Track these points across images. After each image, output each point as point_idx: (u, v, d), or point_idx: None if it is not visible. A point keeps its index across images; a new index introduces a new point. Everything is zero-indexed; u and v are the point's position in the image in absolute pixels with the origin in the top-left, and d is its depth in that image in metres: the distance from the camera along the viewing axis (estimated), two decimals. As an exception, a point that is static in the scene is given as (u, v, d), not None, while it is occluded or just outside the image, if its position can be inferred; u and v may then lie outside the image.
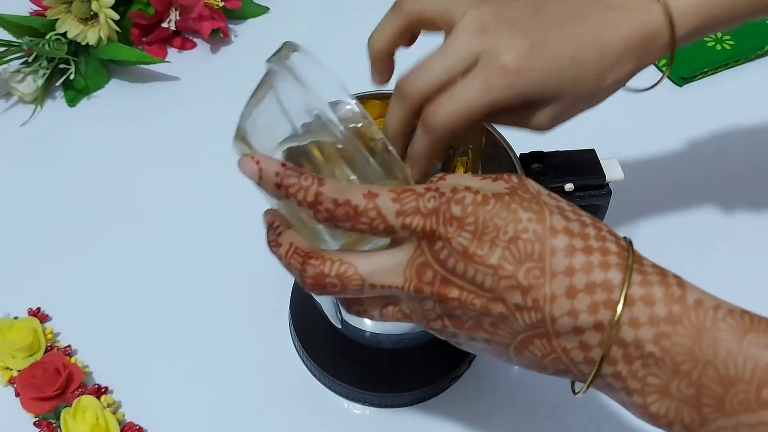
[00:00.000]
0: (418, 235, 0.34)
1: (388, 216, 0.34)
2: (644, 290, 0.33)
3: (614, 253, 0.33)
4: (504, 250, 0.33)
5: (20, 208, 0.66)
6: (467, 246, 0.33)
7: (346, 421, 0.55)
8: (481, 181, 0.36)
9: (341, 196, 0.34)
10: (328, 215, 0.34)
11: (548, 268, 0.33)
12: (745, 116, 0.74)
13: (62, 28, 0.72)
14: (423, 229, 0.34)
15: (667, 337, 0.32)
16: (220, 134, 0.73)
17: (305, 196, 0.34)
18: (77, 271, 0.62)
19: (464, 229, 0.33)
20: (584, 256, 0.33)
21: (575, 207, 0.36)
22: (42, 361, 0.55)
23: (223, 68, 0.78)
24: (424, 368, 0.56)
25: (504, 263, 0.33)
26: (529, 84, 0.38)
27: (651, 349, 0.32)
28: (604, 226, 0.35)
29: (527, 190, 0.35)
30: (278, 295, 0.60)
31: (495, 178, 0.36)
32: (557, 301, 0.33)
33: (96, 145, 0.71)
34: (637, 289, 0.33)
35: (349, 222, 0.34)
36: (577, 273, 0.33)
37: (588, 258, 0.33)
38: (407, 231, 0.34)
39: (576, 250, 0.33)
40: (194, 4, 0.74)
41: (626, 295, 0.32)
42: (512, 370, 0.58)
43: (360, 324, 0.51)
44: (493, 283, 0.33)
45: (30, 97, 0.73)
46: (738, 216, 0.67)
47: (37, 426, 0.53)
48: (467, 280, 0.34)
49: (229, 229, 0.65)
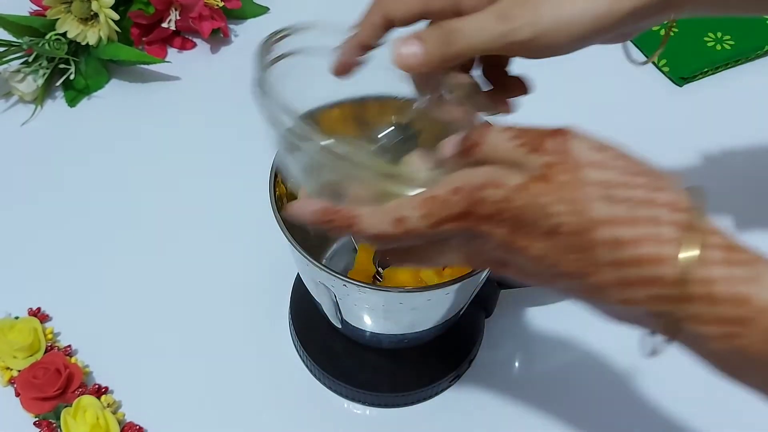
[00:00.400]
0: (458, 233, 0.34)
1: (425, 232, 0.34)
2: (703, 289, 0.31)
3: (668, 242, 0.31)
4: (544, 242, 0.32)
5: (20, 208, 0.66)
6: (507, 239, 0.33)
7: (346, 421, 0.55)
8: (514, 152, 0.33)
9: (376, 230, 0.35)
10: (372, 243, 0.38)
11: (593, 259, 0.32)
12: (745, 116, 0.74)
13: (62, 28, 0.72)
14: (461, 230, 0.34)
15: (737, 336, 0.31)
16: (220, 134, 0.73)
17: (345, 232, 0.37)
18: (77, 271, 0.62)
19: (500, 225, 0.33)
20: (633, 249, 0.31)
21: (628, 173, 0.32)
22: (42, 361, 0.55)
23: (223, 68, 0.78)
24: (424, 368, 0.56)
25: (548, 254, 0.32)
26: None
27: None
28: (663, 195, 0.32)
29: (566, 166, 0.32)
30: (278, 295, 0.60)
31: (533, 148, 0.33)
32: (608, 291, 0.32)
33: (96, 145, 0.71)
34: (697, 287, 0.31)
35: (394, 243, 0.36)
36: (624, 266, 0.31)
37: (636, 251, 0.31)
38: (448, 233, 0.35)
39: (622, 244, 0.31)
40: (194, 3, 0.74)
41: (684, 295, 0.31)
42: (512, 370, 0.58)
43: (360, 324, 0.51)
44: (542, 269, 0.33)
45: (30, 96, 0.73)
46: (738, 215, 0.67)
47: (37, 426, 0.53)
48: (516, 265, 0.35)
49: (229, 229, 0.65)
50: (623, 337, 0.60)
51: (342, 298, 0.47)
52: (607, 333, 0.61)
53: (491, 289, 0.57)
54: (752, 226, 0.66)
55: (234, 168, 0.70)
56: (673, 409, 0.56)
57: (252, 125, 0.73)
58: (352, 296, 0.46)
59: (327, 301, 0.49)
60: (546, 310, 0.61)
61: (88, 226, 0.65)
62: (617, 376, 0.58)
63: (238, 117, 0.74)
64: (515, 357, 0.59)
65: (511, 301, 0.60)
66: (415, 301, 0.46)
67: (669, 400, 0.57)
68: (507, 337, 0.59)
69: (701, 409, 0.56)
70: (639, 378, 0.58)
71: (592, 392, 0.57)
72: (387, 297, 0.46)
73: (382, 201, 0.36)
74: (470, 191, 0.33)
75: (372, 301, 0.47)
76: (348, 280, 0.44)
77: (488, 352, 0.59)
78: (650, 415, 0.56)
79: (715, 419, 0.56)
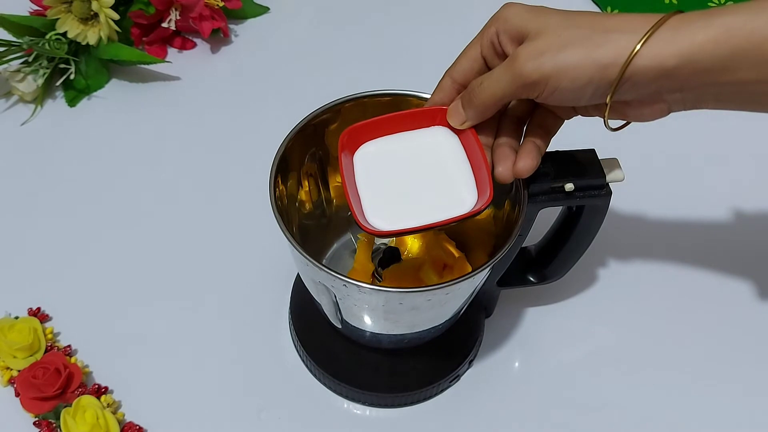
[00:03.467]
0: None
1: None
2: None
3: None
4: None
5: (20, 208, 0.66)
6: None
7: (346, 421, 0.55)
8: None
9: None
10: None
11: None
12: (745, 115, 0.74)
13: (62, 28, 0.72)
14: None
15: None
16: (220, 134, 0.73)
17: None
18: (77, 271, 0.62)
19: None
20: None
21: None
22: (42, 361, 0.55)
23: (223, 68, 0.78)
24: (424, 368, 0.56)
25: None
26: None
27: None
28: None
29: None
30: (278, 295, 0.60)
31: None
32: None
33: (96, 145, 0.71)
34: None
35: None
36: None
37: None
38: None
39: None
40: (194, 3, 0.74)
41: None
42: (512, 370, 0.58)
43: (360, 324, 0.51)
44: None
45: (30, 96, 0.73)
46: (738, 215, 0.67)
47: (37, 426, 0.53)
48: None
49: (228, 230, 0.65)
50: (623, 336, 0.61)
51: (342, 298, 0.47)
52: (607, 333, 0.61)
53: (491, 289, 0.57)
54: (752, 224, 0.66)
55: (234, 168, 0.70)
56: (674, 408, 0.56)
57: (252, 125, 0.74)
58: (352, 296, 0.46)
59: (327, 301, 0.49)
60: (546, 310, 0.61)
61: (88, 226, 0.65)
62: (617, 376, 0.58)
63: (238, 117, 0.74)
64: (515, 357, 0.59)
65: (511, 301, 0.60)
66: (415, 301, 0.46)
67: (669, 400, 0.57)
68: (507, 337, 0.59)
69: (701, 409, 0.56)
70: (639, 378, 0.58)
71: (591, 392, 0.57)
72: (387, 297, 0.46)
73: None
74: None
75: (372, 301, 0.47)
76: (348, 280, 0.44)
77: (488, 352, 0.59)
78: (650, 414, 0.56)
79: (715, 419, 0.56)
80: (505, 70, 0.42)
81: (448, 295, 0.47)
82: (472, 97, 0.44)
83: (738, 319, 0.61)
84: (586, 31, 0.40)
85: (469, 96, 0.44)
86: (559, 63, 0.40)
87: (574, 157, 0.49)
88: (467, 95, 0.45)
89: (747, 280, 0.63)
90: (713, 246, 0.65)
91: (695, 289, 0.62)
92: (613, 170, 0.49)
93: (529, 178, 0.46)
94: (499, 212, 0.52)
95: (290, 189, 0.52)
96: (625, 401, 0.56)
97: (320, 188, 0.56)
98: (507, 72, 0.42)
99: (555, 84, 0.40)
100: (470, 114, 0.45)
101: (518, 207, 0.48)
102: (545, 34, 0.41)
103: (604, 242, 0.55)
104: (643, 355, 0.59)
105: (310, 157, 0.53)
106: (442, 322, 0.51)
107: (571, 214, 0.53)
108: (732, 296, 0.62)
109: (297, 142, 0.50)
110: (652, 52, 0.38)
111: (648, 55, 0.38)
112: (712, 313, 0.61)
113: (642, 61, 0.39)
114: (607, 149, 0.50)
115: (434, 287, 0.45)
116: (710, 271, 0.64)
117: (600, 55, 0.39)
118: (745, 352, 0.59)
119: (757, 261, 0.64)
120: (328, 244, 0.59)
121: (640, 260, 0.64)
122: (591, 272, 0.63)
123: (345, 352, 0.56)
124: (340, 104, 0.51)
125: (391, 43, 0.79)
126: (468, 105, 0.45)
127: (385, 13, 0.82)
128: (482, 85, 0.43)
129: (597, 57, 0.39)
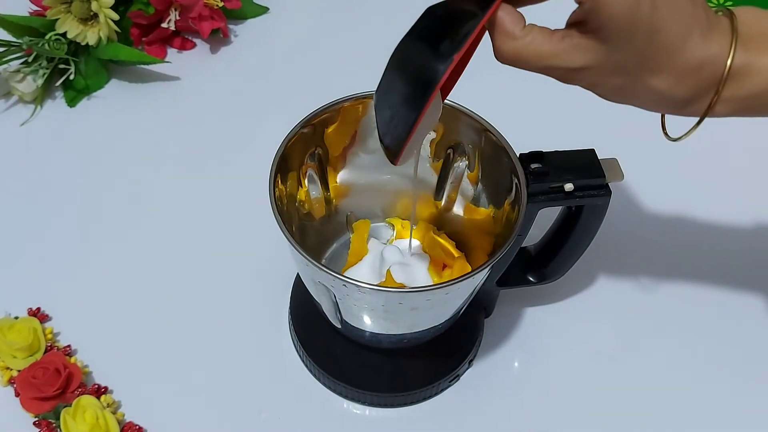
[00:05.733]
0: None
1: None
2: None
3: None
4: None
5: (20, 208, 0.66)
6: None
7: (346, 421, 0.55)
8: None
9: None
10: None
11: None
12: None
13: (62, 28, 0.72)
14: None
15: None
16: (220, 134, 0.73)
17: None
18: (77, 271, 0.62)
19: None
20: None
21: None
22: (42, 361, 0.55)
23: (223, 68, 0.78)
24: (424, 368, 0.56)
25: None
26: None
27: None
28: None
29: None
30: (278, 295, 0.60)
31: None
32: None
33: (96, 145, 0.71)
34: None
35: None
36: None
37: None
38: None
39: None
40: (194, 3, 0.74)
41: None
42: (512, 370, 0.58)
43: (360, 324, 0.51)
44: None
45: (30, 96, 0.73)
46: (739, 215, 0.67)
47: (36, 426, 0.53)
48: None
49: (228, 230, 0.65)
50: (623, 336, 0.61)
51: (342, 298, 0.47)
52: (607, 333, 0.61)
53: (491, 289, 0.57)
54: (753, 223, 0.66)
55: (234, 168, 0.70)
56: (674, 408, 0.56)
57: (252, 125, 0.74)
58: (352, 296, 0.46)
59: (327, 301, 0.49)
60: (546, 310, 0.61)
61: (88, 226, 0.65)
62: (617, 376, 0.58)
63: (238, 117, 0.74)
64: (515, 357, 0.59)
65: (510, 301, 0.60)
66: (415, 301, 0.46)
67: (670, 400, 0.57)
68: (507, 337, 0.59)
69: (702, 409, 0.56)
70: (639, 378, 0.58)
71: (591, 392, 0.57)
72: (387, 297, 0.46)
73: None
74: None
75: (372, 301, 0.47)
76: (348, 279, 0.44)
77: (488, 352, 0.59)
78: (651, 414, 0.56)
79: (716, 419, 0.56)
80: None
81: (448, 295, 0.47)
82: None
83: (739, 318, 0.61)
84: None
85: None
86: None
87: (574, 157, 0.49)
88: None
89: (748, 279, 0.63)
90: (713, 246, 0.65)
91: (696, 289, 0.62)
92: (613, 170, 0.49)
93: (530, 178, 0.46)
94: (499, 212, 0.52)
95: (290, 189, 0.52)
96: (626, 401, 0.56)
97: (320, 188, 0.56)
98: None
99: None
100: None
101: (518, 207, 0.48)
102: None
103: (604, 242, 0.55)
104: (643, 355, 0.59)
105: (310, 157, 0.53)
106: (441, 322, 0.51)
107: (571, 214, 0.53)
108: (733, 296, 0.62)
109: (297, 142, 0.50)
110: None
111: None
112: (713, 313, 0.61)
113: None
114: (607, 149, 0.50)
115: (434, 287, 0.45)
116: (711, 270, 0.64)
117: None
118: (747, 352, 0.59)
119: (758, 261, 0.64)
120: (328, 244, 0.59)
121: (640, 260, 0.64)
122: (591, 272, 0.63)
123: (345, 352, 0.56)
124: (340, 104, 0.51)
125: (391, 43, 0.78)
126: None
127: (385, 13, 0.82)
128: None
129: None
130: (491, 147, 0.51)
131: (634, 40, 0.37)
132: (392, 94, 0.41)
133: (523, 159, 0.49)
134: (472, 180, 0.55)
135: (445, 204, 0.57)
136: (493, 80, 0.60)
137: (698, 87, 0.39)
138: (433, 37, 0.39)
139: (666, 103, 0.40)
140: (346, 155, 0.55)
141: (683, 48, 0.37)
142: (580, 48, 0.38)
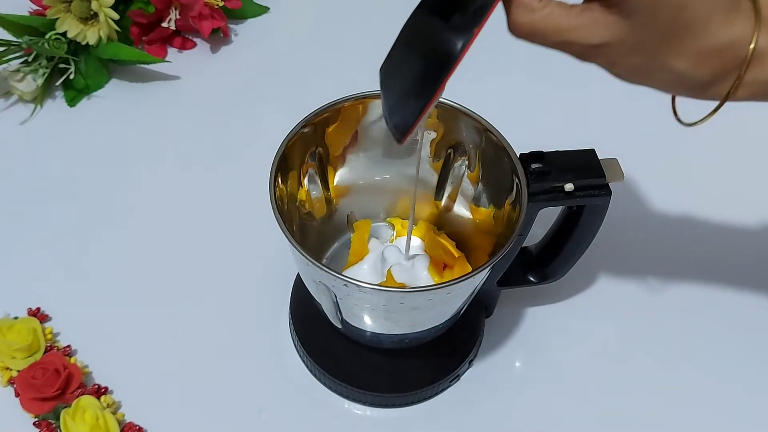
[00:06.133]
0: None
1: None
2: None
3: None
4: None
5: (20, 208, 0.66)
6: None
7: (346, 421, 0.55)
8: None
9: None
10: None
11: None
12: (745, 115, 0.74)
13: (62, 28, 0.71)
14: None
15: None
16: (220, 134, 0.73)
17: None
18: (77, 271, 0.62)
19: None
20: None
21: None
22: (42, 362, 0.55)
23: (223, 68, 0.78)
24: (424, 368, 0.56)
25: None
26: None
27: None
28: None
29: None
30: (278, 295, 0.60)
31: None
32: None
33: (96, 145, 0.71)
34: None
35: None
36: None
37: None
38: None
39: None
40: (194, 3, 0.74)
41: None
42: (512, 370, 0.58)
43: (360, 324, 0.50)
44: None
45: (30, 96, 0.73)
46: (739, 215, 0.67)
47: (36, 426, 0.53)
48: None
49: (228, 230, 0.65)
50: (623, 336, 0.61)
51: (342, 298, 0.47)
52: (608, 332, 0.61)
53: (492, 289, 0.57)
54: (753, 223, 0.66)
55: (234, 167, 0.69)
56: (675, 408, 0.56)
57: (252, 125, 0.73)
58: (353, 296, 0.46)
59: (327, 301, 0.49)
60: (546, 309, 0.61)
61: (88, 226, 0.65)
62: (618, 375, 0.58)
63: (238, 117, 0.74)
64: (515, 357, 0.59)
65: (511, 301, 0.60)
66: (416, 301, 0.46)
67: (670, 400, 0.57)
68: (507, 336, 0.59)
69: (703, 409, 0.56)
70: (640, 378, 0.58)
71: (592, 392, 0.57)
72: (388, 297, 0.46)
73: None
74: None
75: (372, 301, 0.47)
76: (348, 279, 0.44)
77: (488, 352, 0.59)
78: (651, 414, 0.56)
79: (717, 419, 0.56)
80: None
81: (448, 294, 0.47)
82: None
83: (740, 318, 0.61)
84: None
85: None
86: None
87: (574, 157, 0.49)
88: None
89: (749, 279, 0.63)
90: (714, 245, 0.65)
91: (696, 289, 0.62)
92: (613, 170, 0.49)
93: (530, 178, 0.46)
94: (499, 212, 0.52)
95: (291, 189, 0.52)
96: (626, 401, 0.56)
97: (321, 188, 0.56)
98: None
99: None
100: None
101: (518, 207, 0.48)
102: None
103: (604, 242, 0.55)
104: (643, 355, 0.59)
105: (310, 157, 0.53)
106: (442, 322, 0.51)
107: (572, 214, 0.53)
108: (734, 295, 0.62)
109: (297, 142, 0.50)
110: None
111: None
112: (714, 313, 0.61)
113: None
114: (607, 149, 0.50)
115: (435, 287, 0.45)
116: (711, 270, 0.64)
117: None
118: (749, 352, 0.59)
119: (759, 260, 0.64)
120: (329, 243, 0.59)
121: (640, 260, 0.64)
122: (591, 272, 0.63)
123: (345, 352, 0.56)
124: (340, 104, 0.51)
125: (391, 43, 0.78)
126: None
127: (386, 13, 0.82)
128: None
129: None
130: (492, 147, 0.51)
131: (657, 17, 0.35)
132: (402, 70, 0.38)
133: (524, 159, 0.49)
134: (473, 180, 0.55)
135: (445, 204, 0.57)
136: (493, 80, 0.60)
137: (720, 69, 0.38)
138: (449, 9, 0.36)
139: (685, 85, 0.39)
140: (346, 155, 0.55)
141: (706, 28, 0.36)
142: (600, 23, 0.36)
